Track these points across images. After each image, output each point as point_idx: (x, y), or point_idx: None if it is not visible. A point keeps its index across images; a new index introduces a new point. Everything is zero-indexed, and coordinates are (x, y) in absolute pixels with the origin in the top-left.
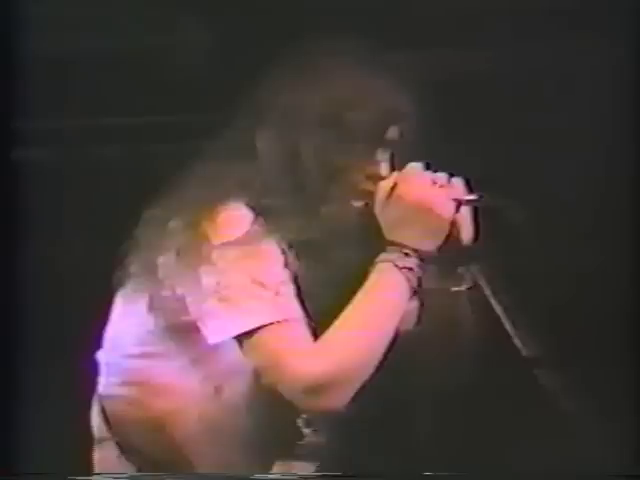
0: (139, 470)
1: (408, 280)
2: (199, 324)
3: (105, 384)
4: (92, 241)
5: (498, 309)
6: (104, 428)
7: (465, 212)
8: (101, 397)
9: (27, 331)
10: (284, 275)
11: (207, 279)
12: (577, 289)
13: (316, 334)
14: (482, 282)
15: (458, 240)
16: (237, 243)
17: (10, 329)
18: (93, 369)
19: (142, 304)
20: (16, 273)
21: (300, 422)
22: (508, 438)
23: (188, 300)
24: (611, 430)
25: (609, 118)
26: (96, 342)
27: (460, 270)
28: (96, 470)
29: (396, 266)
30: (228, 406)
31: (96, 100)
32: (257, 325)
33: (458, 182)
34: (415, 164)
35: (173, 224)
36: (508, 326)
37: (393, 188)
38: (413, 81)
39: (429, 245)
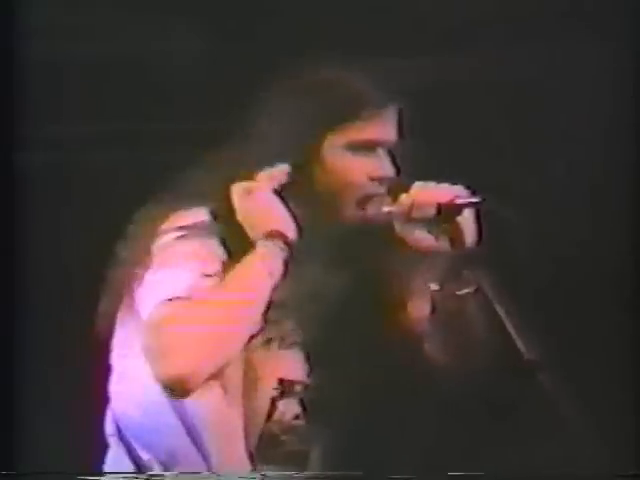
0: (140, 470)
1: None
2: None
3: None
4: (92, 241)
5: (501, 311)
6: (111, 427)
7: (468, 215)
8: (107, 395)
9: (27, 331)
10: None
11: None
12: (577, 289)
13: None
14: (485, 285)
15: (461, 243)
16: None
17: (10, 329)
18: (93, 369)
19: None
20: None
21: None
22: (508, 438)
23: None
24: (611, 430)
25: (609, 118)
26: (96, 342)
27: (464, 273)
28: (104, 469)
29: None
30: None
31: (95, 106)
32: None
33: (459, 186)
34: None
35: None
36: (510, 328)
37: None
38: (408, 86)
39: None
